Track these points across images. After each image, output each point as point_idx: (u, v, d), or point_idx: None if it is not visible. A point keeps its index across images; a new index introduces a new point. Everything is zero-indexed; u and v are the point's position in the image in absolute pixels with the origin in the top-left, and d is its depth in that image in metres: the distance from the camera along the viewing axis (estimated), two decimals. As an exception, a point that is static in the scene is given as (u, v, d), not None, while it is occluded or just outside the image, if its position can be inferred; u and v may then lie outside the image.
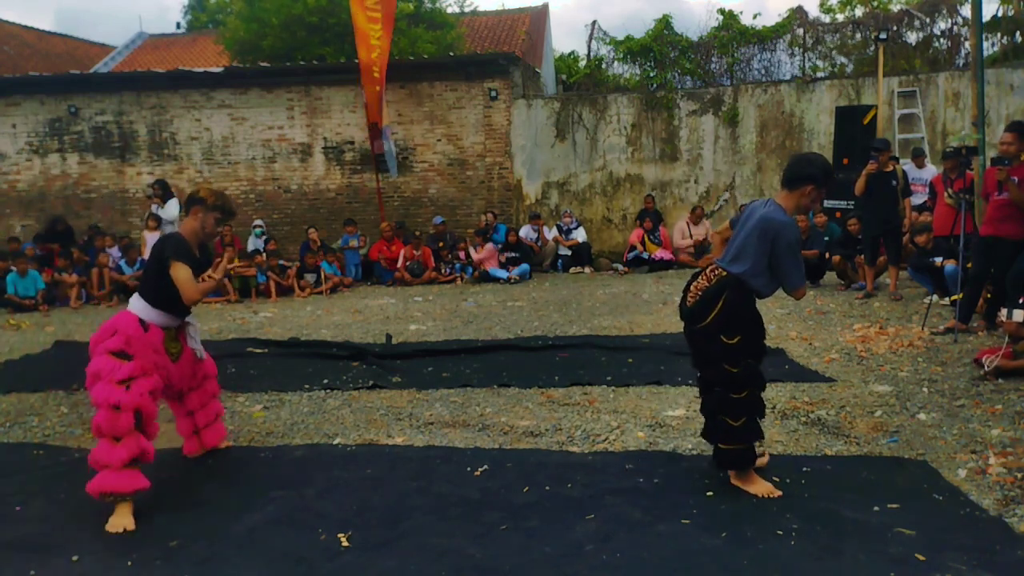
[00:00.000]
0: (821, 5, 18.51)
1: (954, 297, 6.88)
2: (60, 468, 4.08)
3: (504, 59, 13.06)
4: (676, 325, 7.37)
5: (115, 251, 11.73)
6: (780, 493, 3.35)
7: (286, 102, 13.35)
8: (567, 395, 5.13)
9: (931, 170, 9.82)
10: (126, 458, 3.33)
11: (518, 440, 4.29)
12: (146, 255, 9.29)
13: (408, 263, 11.68)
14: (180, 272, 3.53)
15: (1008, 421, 4.23)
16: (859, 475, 3.60)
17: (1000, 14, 13.29)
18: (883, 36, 11.85)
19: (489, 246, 11.72)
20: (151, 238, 10.62)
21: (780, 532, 3.01)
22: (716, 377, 3.36)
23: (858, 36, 13.84)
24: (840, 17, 16.49)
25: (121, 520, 3.29)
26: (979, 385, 4.91)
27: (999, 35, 13.19)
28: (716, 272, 3.38)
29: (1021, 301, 5.30)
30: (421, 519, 3.27)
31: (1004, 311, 5.22)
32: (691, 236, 12.14)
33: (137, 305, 3.65)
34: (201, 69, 14.27)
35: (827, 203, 10.89)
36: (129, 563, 2.98)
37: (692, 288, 3.46)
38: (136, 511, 3.36)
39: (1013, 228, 6.11)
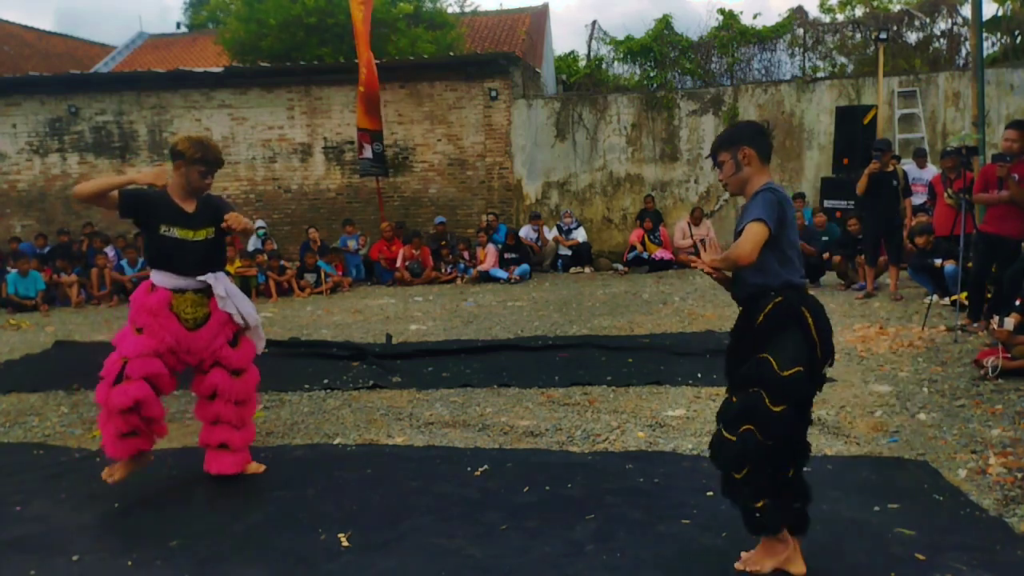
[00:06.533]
0: (821, 5, 18.51)
1: (954, 297, 6.88)
2: (60, 468, 4.08)
3: (504, 59, 13.05)
4: (676, 325, 7.42)
5: (110, 250, 11.73)
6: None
7: (286, 102, 13.34)
8: (567, 395, 5.13)
9: (932, 170, 9.81)
10: (114, 432, 3.40)
11: (518, 440, 4.29)
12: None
13: (408, 263, 11.68)
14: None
15: (1008, 421, 4.23)
16: (859, 475, 3.60)
17: (1000, 14, 13.29)
18: (883, 36, 11.85)
19: (490, 247, 11.73)
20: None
21: (780, 532, 3.01)
22: None
23: (858, 36, 13.84)
24: (840, 17, 16.50)
25: (113, 471, 3.47)
26: (979, 385, 4.91)
27: (999, 35, 13.19)
28: None
29: (1018, 303, 5.30)
30: (421, 519, 3.27)
31: (996, 319, 5.23)
32: (691, 236, 12.13)
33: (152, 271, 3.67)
34: (201, 69, 14.26)
35: (827, 203, 10.90)
36: (129, 563, 2.98)
37: None
38: (136, 511, 3.37)
39: (1013, 227, 6.11)
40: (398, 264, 11.74)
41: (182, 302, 3.56)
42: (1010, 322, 5.11)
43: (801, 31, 13.74)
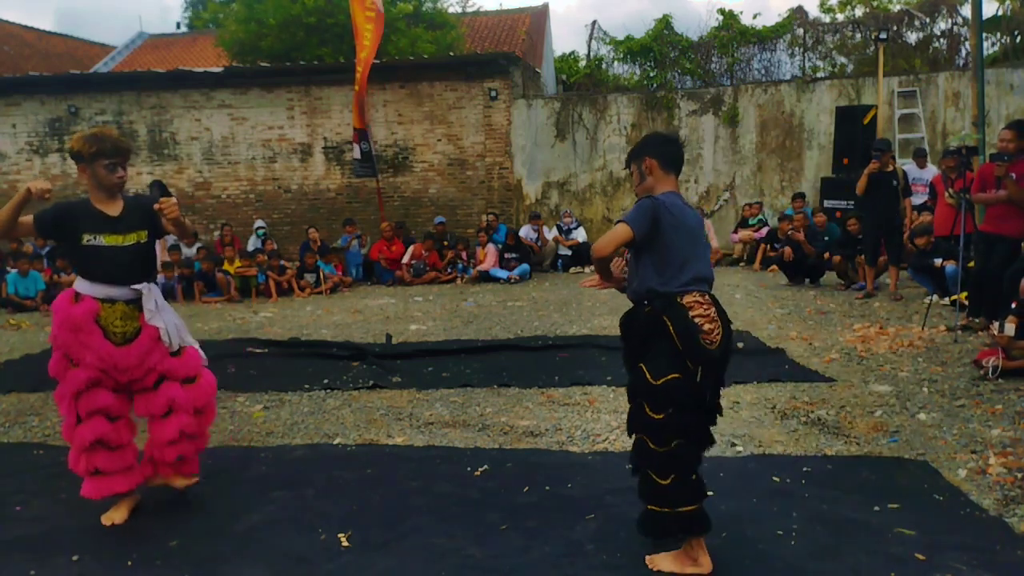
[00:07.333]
0: (821, 5, 18.53)
1: (954, 297, 6.88)
2: (60, 468, 4.05)
3: (504, 59, 13.05)
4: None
5: None
6: None
7: (286, 102, 13.35)
8: (567, 395, 5.13)
9: (932, 170, 9.82)
10: (86, 468, 3.26)
11: (518, 440, 4.29)
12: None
13: (414, 261, 11.68)
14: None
15: (1008, 421, 4.23)
16: (859, 475, 3.60)
17: (1000, 14, 13.29)
18: (883, 36, 11.86)
19: (490, 247, 11.73)
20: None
21: (780, 532, 3.01)
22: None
23: (858, 36, 13.85)
24: (840, 17, 16.51)
25: (114, 514, 3.33)
26: (979, 385, 4.91)
27: (999, 35, 13.19)
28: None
29: (1014, 306, 5.30)
30: (421, 519, 3.27)
31: (996, 324, 5.23)
32: (691, 236, 12.13)
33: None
34: (201, 69, 14.26)
35: (827, 203, 10.91)
36: (129, 563, 2.98)
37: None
38: (136, 511, 3.37)
39: (1012, 226, 6.12)
40: (404, 260, 11.74)
41: (111, 314, 3.22)
42: (1010, 327, 5.10)
43: (801, 31, 13.75)
